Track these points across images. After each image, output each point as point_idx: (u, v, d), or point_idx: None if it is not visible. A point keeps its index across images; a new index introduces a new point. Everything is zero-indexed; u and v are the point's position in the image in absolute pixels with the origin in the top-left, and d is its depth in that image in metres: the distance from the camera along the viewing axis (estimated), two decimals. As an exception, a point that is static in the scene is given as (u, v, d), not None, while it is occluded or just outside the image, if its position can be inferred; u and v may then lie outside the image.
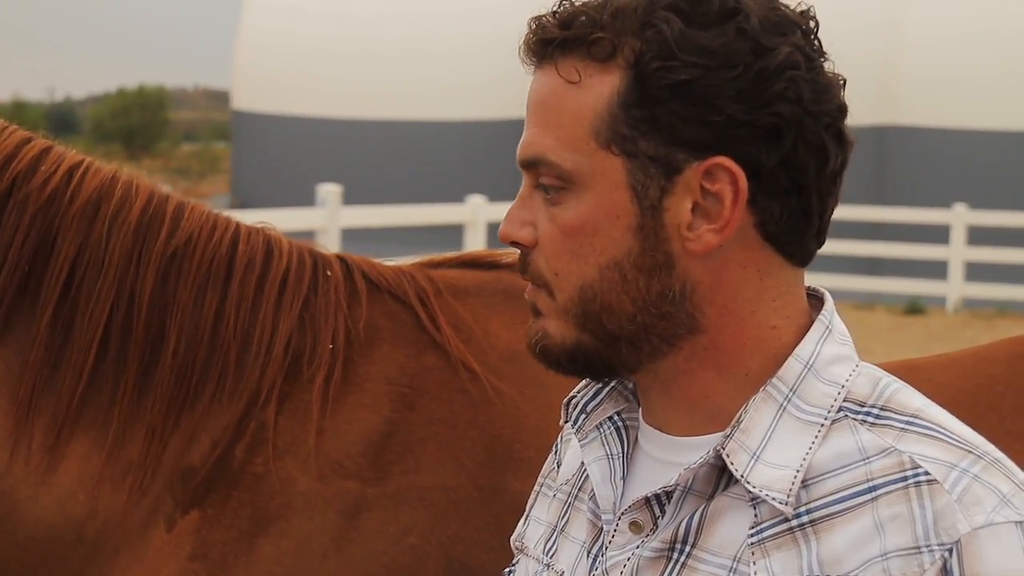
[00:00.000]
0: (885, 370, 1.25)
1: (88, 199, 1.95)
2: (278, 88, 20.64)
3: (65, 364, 1.91)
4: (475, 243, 10.85)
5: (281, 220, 7.82)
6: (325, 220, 8.95)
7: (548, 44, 1.21)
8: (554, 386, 1.72)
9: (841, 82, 1.22)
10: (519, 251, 1.26)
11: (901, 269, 16.21)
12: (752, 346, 1.21)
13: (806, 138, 1.18)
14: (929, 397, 1.25)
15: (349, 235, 9.53)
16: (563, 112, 1.20)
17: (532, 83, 1.24)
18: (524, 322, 1.30)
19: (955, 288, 15.62)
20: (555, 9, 1.22)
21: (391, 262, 2.20)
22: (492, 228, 10.55)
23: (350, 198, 10.15)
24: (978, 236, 15.73)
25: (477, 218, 11.00)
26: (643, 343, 1.21)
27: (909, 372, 1.97)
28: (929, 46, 17.52)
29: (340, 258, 2.10)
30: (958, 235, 15.62)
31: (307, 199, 10.37)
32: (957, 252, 15.61)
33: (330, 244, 8.60)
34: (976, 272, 15.74)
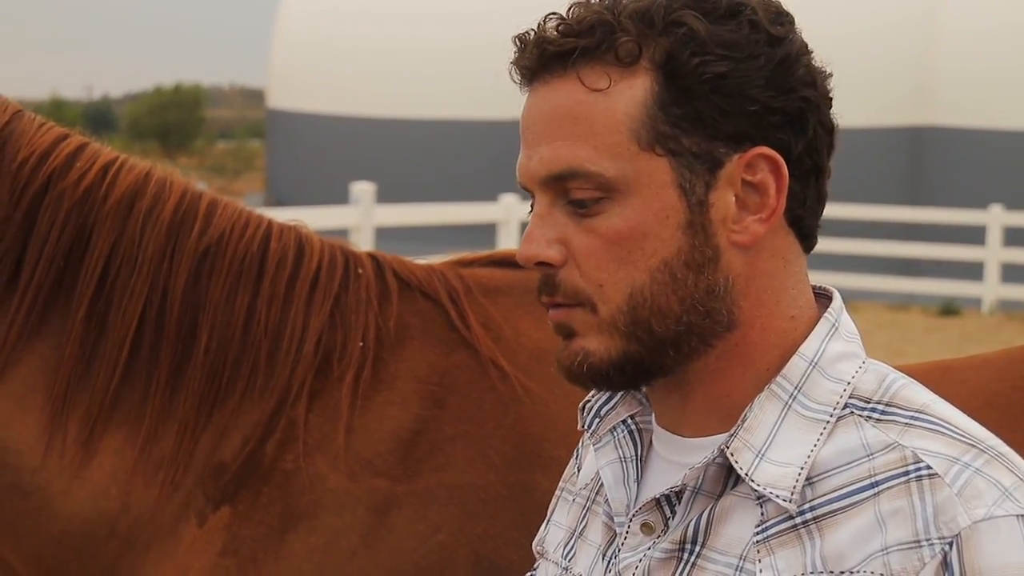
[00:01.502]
0: (917, 372, 1.24)
1: (122, 196, 1.96)
2: (313, 87, 20.72)
3: (99, 359, 1.92)
4: (508, 242, 10.85)
5: (315, 218, 7.86)
6: (359, 218, 8.97)
7: (568, 55, 1.19)
8: (584, 385, 1.72)
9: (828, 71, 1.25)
10: (543, 272, 1.22)
11: (936, 270, 16.09)
12: (774, 339, 1.21)
13: (822, 121, 1.22)
14: (963, 399, 1.24)
15: (382, 233, 9.55)
16: (594, 121, 1.18)
17: (542, 98, 1.21)
18: None
19: (991, 289, 15.49)
20: (559, 21, 1.21)
21: (423, 261, 2.21)
22: (525, 227, 10.51)
23: (384, 196, 10.16)
24: (1014, 237, 15.59)
25: (510, 217, 11.01)
26: (684, 345, 1.20)
27: (942, 374, 1.96)
28: (967, 42, 17.35)
29: (371, 256, 2.10)
30: (994, 236, 15.49)
31: (341, 197, 10.40)
32: (993, 253, 15.48)
33: (364, 242, 8.62)
34: (1012, 273, 15.60)
